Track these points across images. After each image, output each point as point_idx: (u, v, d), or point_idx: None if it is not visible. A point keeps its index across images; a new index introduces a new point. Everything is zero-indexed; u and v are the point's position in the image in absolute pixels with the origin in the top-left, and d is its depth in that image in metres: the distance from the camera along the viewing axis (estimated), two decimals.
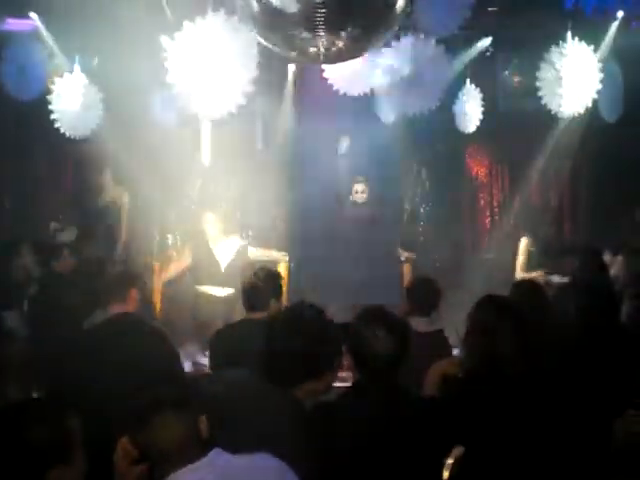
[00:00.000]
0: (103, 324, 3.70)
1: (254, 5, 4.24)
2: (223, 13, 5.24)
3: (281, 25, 4.30)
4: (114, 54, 6.88)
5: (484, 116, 7.57)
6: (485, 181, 9.33)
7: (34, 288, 5.93)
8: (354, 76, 6.99)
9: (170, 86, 5.59)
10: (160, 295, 6.72)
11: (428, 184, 9.28)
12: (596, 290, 3.55)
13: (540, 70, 6.48)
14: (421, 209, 9.25)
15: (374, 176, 8.24)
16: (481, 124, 7.62)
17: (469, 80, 7.63)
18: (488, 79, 7.91)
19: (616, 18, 6.92)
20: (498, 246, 8.45)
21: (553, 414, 2.67)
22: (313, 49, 4.41)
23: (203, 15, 5.31)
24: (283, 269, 6.84)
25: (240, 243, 6.73)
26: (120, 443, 1.99)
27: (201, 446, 1.94)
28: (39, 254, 6.01)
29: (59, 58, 7.03)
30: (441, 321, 4.29)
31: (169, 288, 7.55)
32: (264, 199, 8.36)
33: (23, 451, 1.75)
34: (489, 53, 7.77)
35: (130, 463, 1.96)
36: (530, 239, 6.83)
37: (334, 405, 2.46)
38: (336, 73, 7.03)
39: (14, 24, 7.01)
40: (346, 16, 4.22)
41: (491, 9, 6.89)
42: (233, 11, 5.07)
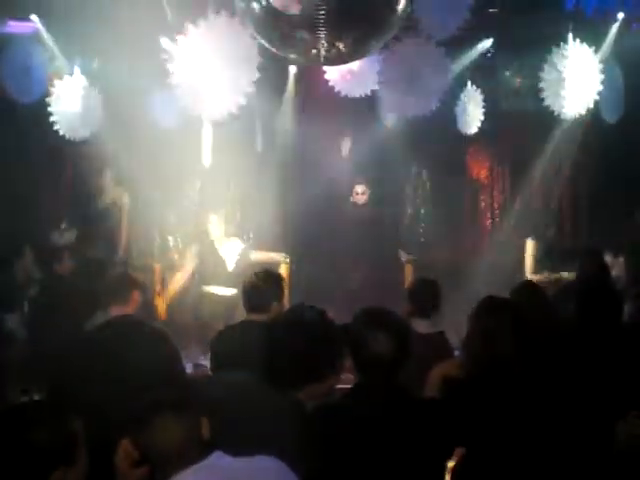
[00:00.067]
0: (104, 326, 3.70)
1: (255, 6, 4.25)
2: (224, 15, 5.25)
3: (282, 26, 4.31)
4: (115, 56, 6.90)
5: (485, 117, 7.58)
6: (486, 182, 9.32)
7: (35, 290, 5.94)
8: (355, 78, 7.00)
9: (171, 87, 5.60)
10: (168, 300, 6.72)
11: (429, 185, 9.28)
12: (598, 291, 3.53)
13: (543, 71, 6.49)
14: (422, 210, 9.25)
15: (374, 177, 8.24)
16: (482, 125, 7.63)
17: (470, 81, 7.64)
18: (489, 80, 7.91)
19: (616, 19, 6.93)
20: (499, 247, 8.44)
21: (554, 416, 2.66)
22: (314, 51, 4.42)
23: (204, 17, 5.32)
24: (284, 271, 6.84)
25: (242, 245, 6.74)
26: (121, 445, 1.99)
27: (202, 448, 1.94)
28: (40, 256, 6.02)
29: (60, 60, 7.04)
30: (442, 323, 4.28)
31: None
32: (264, 200, 8.37)
33: (26, 453, 1.75)
34: (490, 54, 7.77)
35: (131, 465, 1.96)
36: (535, 241, 6.82)
37: (335, 407, 2.45)
38: (337, 75, 7.04)
39: (15, 26, 7.01)
40: (347, 18, 4.23)
41: (492, 10, 6.90)
42: (234, 13, 5.08)
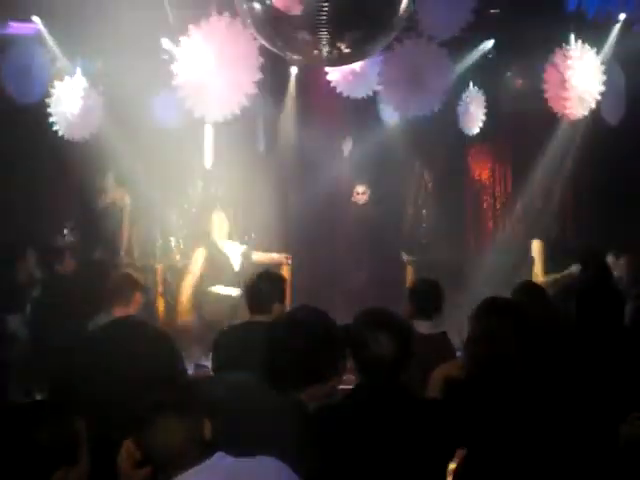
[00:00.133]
0: (106, 326, 3.71)
1: (256, 7, 4.25)
2: (226, 16, 5.26)
3: (283, 27, 4.31)
4: (116, 57, 6.90)
5: (487, 118, 7.58)
6: (488, 183, 9.32)
7: (37, 290, 5.95)
8: (357, 79, 7.00)
9: (174, 88, 5.61)
10: (183, 305, 6.64)
11: (431, 186, 9.28)
12: (599, 291, 3.54)
13: (544, 72, 6.49)
14: (423, 211, 9.25)
15: (376, 178, 8.25)
16: (484, 126, 7.63)
17: (472, 82, 7.64)
18: (491, 81, 7.91)
19: (618, 20, 6.92)
20: (501, 248, 8.44)
21: (556, 417, 2.66)
22: (315, 52, 4.42)
23: (206, 18, 5.33)
24: (286, 271, 6.85)
25: (242, 247, 6.75)
26: (124, 445, 1.99)
27: (204, 449, 1.94)
28: (42, 257, 6.02)
29: (61, 61, 7.04)
30: (444, 323, 4.27)
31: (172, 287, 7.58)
32: (266, 201, 8.37)
33: (29, 452, 1.75)
34: (492, 55, 7.78)
35: (134, 465, 1.96)
36: (541, 241, 6.82)
37: (336, 407, 2.45)
38: (339, 75, 7.05)
39: (17, 27, 7.01)
40: (348, 19, 4.23)
41: (493, 11, 6.89)
42: (236, 14, 5.09)
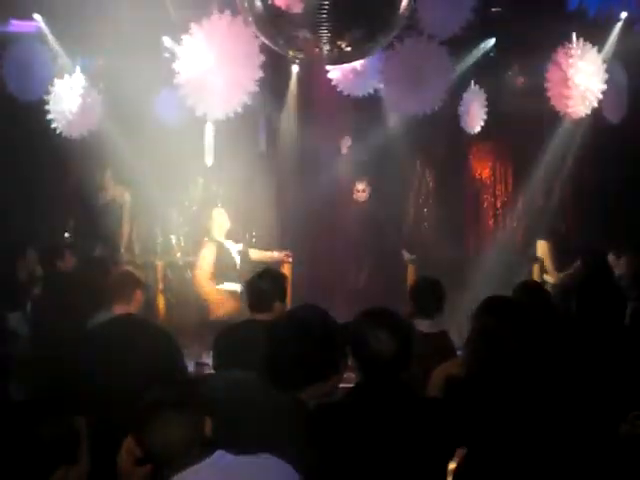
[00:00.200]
0: (107, 324, 3.71)
1: (258, 6, 4.25)
2: (227, 14, 5.26)
3: (285, 26, 4.32)
4: (118, 55, 6.90)
5: (488, 117, 7.57)
6: (489, 182, 9.32)
7: (38, 288, 5.94)
8: (357, 77, 7.00)
9: (175, 86, 5.61)
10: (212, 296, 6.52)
11: (432, 185, 9.28)
12: (600, 289, 3.54)
13: (546, 71, 6.49)
14: (425, 210, 9.25)
15: (377, 177, 8.24)
16: (485, 125, 7.63)
17: (473, 81, 7.64)
18: (492, 80, 7.90)
19: (619, 19, 6.91)
20: (501, 247, 8.44)
21: (557, 416, 2.66)
22: (316, 50, 4.42)
23: (208, 16, 5.33)
24: (287, 270, 6.85)
25: (240, 245, 6.75)
26: (124, 443, 1.99)
27: (204, 447, 1.94)
28: (43, 254, 6.02)
29: (63, 59, 7.04)
30: (444, 322, 4.27)
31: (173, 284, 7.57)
32: (267, 199, 8.38)
33: (29, 451, 1.75)
34: (493, 54, 7.77)
35: (134, 463, 1.96)
36: (548, 242, 6.81)
37: (337, 406, 2.44)
38: (340, 74, 7.05)
39: (18, 25, 7.01)
40: (349, 17, 4.23)
41: (494, 10, 6.89)
42: (238, 12, 5.09)
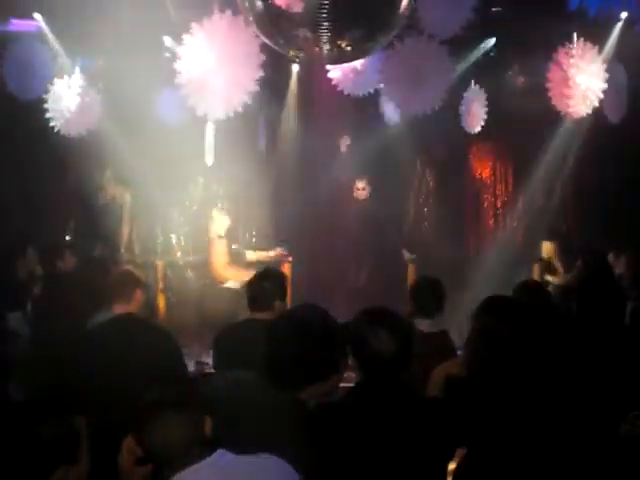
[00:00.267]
0: (107, 324, 3.71)
1: (259, 5, 4.25)
2: (228, 14, 5.26)
3: (285, 25, 4.32)
4: (118, 55, 6.90)
5: (488, 116, 7.57)
6: (489, 181, 9.33)
7: (38, 288, 5.94)
8: (358, 77, 7.00)
9: (175, 86, 5.61)
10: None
11: (432, 184, 9.28)
12: (600, 289, 3.55)
13: (546, 70, 6.49)
14: (425, 209, 9.26)
15: (377, 176, 8.25)
16: (485, 124, 7.63)
17: (473, 81, 7.64)
18: (492, 80, 7.90)
19: (620, 19, 6.91)
20: (501, 246, 8.44)
21: (557, 415, 2.66)
22: (316, 49, 4.42)
23: (208, 16, 5.33)
24: (287, 269, 6.85)
25: (236, 247, 6.80)
26: (125, 443, 1.99)
27: (205, 446, 1.94)
28: (43, 254, 6.02)
29: (63, 59, 7.03)
30: (445, 322, 4.27)
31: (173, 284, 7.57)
32: (267, 199, 8.38)
33: (29, 451, 1.75)
34: (493, 54, 7.77)
35: (135, 463, 1.96)
36: (554, 243, 6.81)
37: (337, 405, 2.44)
38: (340, 73, 7.05)
39: (18, 25, 7.01)
40: (349, 17, 4.23)
41: (495, 9, 6.89)
42: (238, 12, 5.08)
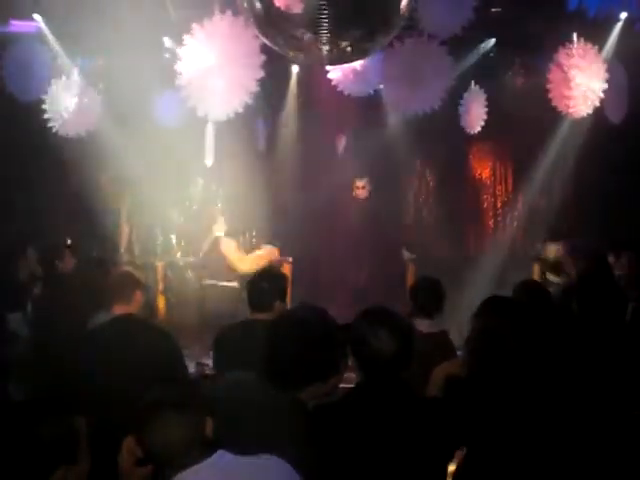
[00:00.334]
0: (107, 324, 3.71)
1: (258, 6, 4.25)
2: (228, 14, 5.27)
3: (284, 26, 4.31)
4: (118, 56, 6.90)
5: (488, 117, 7.57)
6: (489, 182, 9.34)
7: (38, 289, 5.94)
8: (358, 77, 7.00)
9: (175, 87, 5.61)
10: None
11: (432, 184, 9.29)
12: (600, 289, 3.54)
13: (545, 71, 6.50)
14: (425, 209, 9.26)
15: (377, 177, 8.25)
16: (485, 125, 7.62)
17: (473, 81, 7.64)
18: (492, 80, 7.90)
19: (619, 19, 6.91)
20: (501, 246, 8.44)
21: (557, 415, 2.67)
22: (316, 50, 4.42)
23: (209, 17, 5.34)
24: (287, 269, 6.85)
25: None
26: (125, 443, 1.99)
27: (205, 447, 1.94)
28: (43, 254, 6.02)
29: (62, 59, 7.03)
30: (444, 322, 4.28)
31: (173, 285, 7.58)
32: (266, 199, 8.38)
33: (29, 451, 1.76)
34: (493, 54, 7.77)
35: (135, 463, 1.96)
36: (560, 243, 6.80)
37: (336, 406, 2.44)
38: (340, 74, 7.05)
39: (18, 26, 7.01)
40: (349, 17, 4.23)
41: (494, 10, 6.89)
42: (239, 12, 5.09)
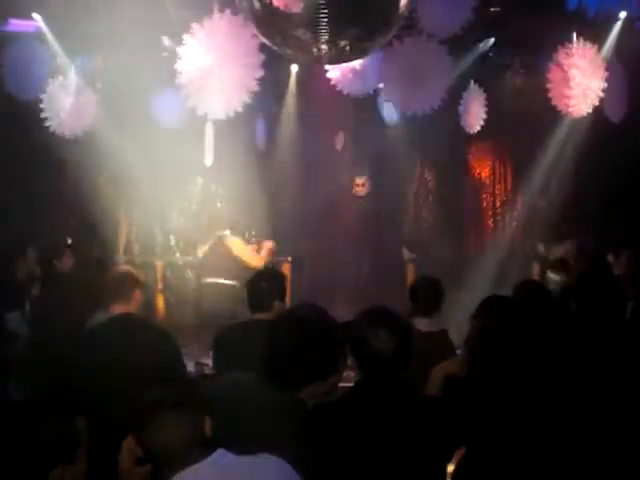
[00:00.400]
0: (106, 324, 3.71)
1: (257, 5, 4.25)
2: (228, 13, 5.26)
3: (283, 25, 4.31)
4: (117, 55, 6.89)
5: (487, 116, 7.57)
6: (488, 181, 9.33)
7: (36, 289, 5.94)
8: (357, 77, 6.99)
9: (175, 86, 5.61)
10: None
11: (431, 184, 9.28)
12: (599, 288, 3.54)
13: (545, 70, 6.50)
14: (424, 209, 9.26)
15: (377, 176, 8.25)
16: (484, 124, 7.62)
17: (473, 80, 7.63)
18: (491, 79, 7.90)
19: (619, 19, 6.90)
20: (501, 246, 8.44)
21: (556, 414, 2.66)
22: (315, 49, 4.41)
23: (208, 16, 5.33)
24: (286, 269, 6.85)
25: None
26: (125, 443, 1.99)
27: (205, 447, 1.94)
28: (42, 254, 6.02)
29: (62, 59, 7.02)
30: (444, 321, 4.28)
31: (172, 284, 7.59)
32: (266, 198, 8.37)
33: (28, 451, 1.76)
34: (492, 53, 7.77)
35: (134, 463, 1.96)
36: (567, 243, 6.82)
37: (336, 405, 2.45)
38: (339, 73, 7.04)
39: (17, 25, 6.99)
40: (348, 17, 4.22)
41: (494, 9, 6.88)
42: (238, 11, 5.09)
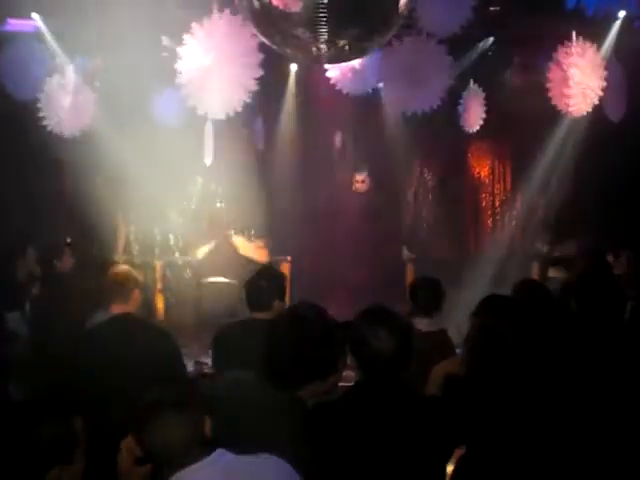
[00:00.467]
0: (106, 324, 3.71)
1: (256, 4, 4.24)
2: (227, 13, 5.27)
3: (282, 24, 4.31)
4: (116, 55, 6.89)
5: (487, 115, 7.57)
6: (487, 181, 9.34)
7: (36, 288, 5.94)
8: (356, 76, 7.00)
9: (174, 85, 5.61)
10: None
11: (431, 183, 9.29)
12: (599, 287, 3.54)
13: (544, 69, 6.50)
14: (424, 209, 9.26)
15: (376, 175, 8.25)
16: (484, 123, 7.62)
17: (472, 80, 7.63)
18: (491, 79, 7.90)
19: (618, 18, 6.91)
20: (500, 245, 8.44)
21: (556, 414, 2.66)
22: (314, 49, 4.41)
23: (207, 15, 5.34)
24: (286, 269, 6.85)
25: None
26: (124, 443, 1.99)
27: (204, 446, 1.94)
28: (42, 254, 6.02)
29: (60, 58, 7.02)
30: (443, 321, 4.28)
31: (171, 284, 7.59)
32: (265, 198, 8.37)
33: (26, 451, 1.76)
34: (491, 53, 7.77)
35: (134, 463, 1.96)
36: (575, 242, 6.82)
37: (336, 404, 2.45)
38: (339, 73, 7.04)
39: (16, 25, 6.99)
40: (347, 16, 4.22)
41: (493, 9, 6.89)
42: (237, 11, 5.09)
